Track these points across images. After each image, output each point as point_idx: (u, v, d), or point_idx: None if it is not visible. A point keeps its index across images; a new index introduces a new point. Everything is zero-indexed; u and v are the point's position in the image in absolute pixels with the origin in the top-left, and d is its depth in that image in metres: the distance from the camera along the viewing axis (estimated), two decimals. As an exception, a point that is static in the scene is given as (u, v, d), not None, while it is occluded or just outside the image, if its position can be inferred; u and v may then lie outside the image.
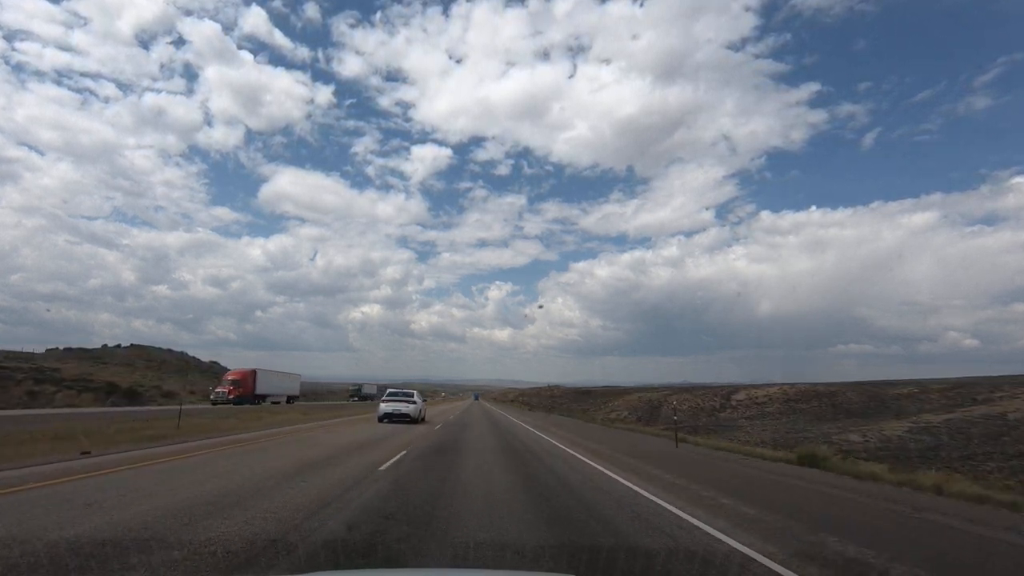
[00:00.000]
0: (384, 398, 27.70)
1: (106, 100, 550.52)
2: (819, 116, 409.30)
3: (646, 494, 8.75)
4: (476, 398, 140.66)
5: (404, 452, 13.13)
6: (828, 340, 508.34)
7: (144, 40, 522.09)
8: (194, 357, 66.29)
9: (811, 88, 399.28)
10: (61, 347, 60.27)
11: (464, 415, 35.70)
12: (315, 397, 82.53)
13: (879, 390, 55.97)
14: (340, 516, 6.34)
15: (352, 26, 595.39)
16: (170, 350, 67.42)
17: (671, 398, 72.87)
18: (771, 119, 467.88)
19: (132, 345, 60.86)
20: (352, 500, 7.34)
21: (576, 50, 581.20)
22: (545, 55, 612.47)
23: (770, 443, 52.59)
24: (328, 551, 4.82)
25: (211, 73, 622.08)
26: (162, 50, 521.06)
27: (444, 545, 5.19)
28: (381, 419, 25.81)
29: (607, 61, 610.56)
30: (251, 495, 7.41)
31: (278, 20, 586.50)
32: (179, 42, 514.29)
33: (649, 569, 4.86)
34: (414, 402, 26.79)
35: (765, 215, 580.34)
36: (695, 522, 6.86)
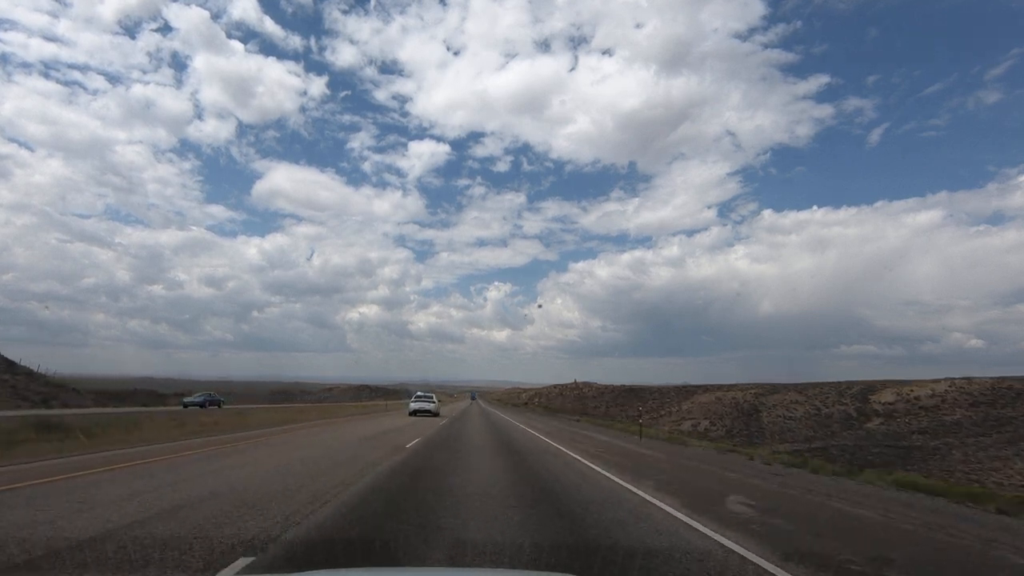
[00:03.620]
0: (412, 399, 38.04)
1: (94, 92, 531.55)
2: (825, 111, 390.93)
3: None
4: (473, 398, 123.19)
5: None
6: (830, 341, 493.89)
7: (128, 27, 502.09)
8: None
9: (820, 80, 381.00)
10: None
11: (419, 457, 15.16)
12: (286, 398, 67.44)
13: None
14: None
15: (345, 12, 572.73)
16: None
17: (768, 399, 55.10)
18: (777, 113, 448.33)
19: None
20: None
21: (578, 40, 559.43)
22: (545, 45, 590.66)
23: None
24: None
25: (200, 63, 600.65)
26: (148, 38, 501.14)
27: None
28: (411, 414, 34.19)
29: (609, 51, 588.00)
30: None
31: (268, 6, 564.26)
32: (165, 29, 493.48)
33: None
34: (433, 401, 36.45)
35: (767, 214, 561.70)
36: None
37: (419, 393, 40.34)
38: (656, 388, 74.06)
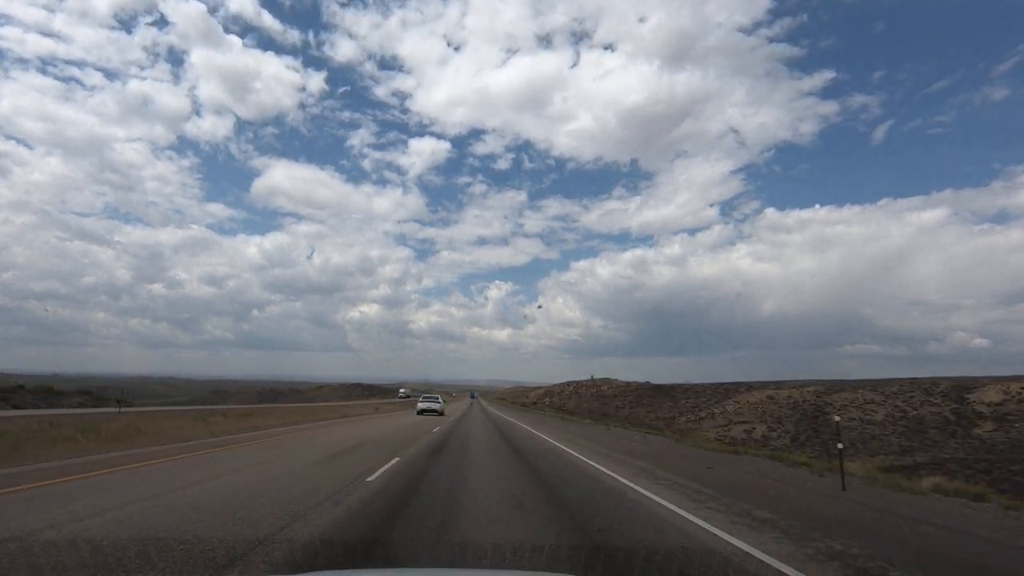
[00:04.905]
0: (420, 400, 41.89)
1: (92, 89, 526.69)
2: (830, 107, 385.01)
3: None
4: (473, 397, 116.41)
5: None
6: (833, 340, 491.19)
7: (125, 21, 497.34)
8: None
9: (825, 76, 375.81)
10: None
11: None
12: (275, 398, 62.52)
13: None
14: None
15: (343, 5, 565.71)
16: None
17: (834, 398, 48.63)
18: (781, 110, 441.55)
19: None
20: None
21: (580, 35, 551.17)
22: (547, 41, 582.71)
23: None
24: None
25: (197, 58, 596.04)
26: (144, 33, 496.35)
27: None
28: (419, 413, 36.07)
29: (612, 46, 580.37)
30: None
31: None
32: (162, 23, 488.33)
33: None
34: (439, 402, 39.87)
35: (770, 212, 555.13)
36: None
37: (425, 395, 48.82)
38: (690, 386, 67.34)
